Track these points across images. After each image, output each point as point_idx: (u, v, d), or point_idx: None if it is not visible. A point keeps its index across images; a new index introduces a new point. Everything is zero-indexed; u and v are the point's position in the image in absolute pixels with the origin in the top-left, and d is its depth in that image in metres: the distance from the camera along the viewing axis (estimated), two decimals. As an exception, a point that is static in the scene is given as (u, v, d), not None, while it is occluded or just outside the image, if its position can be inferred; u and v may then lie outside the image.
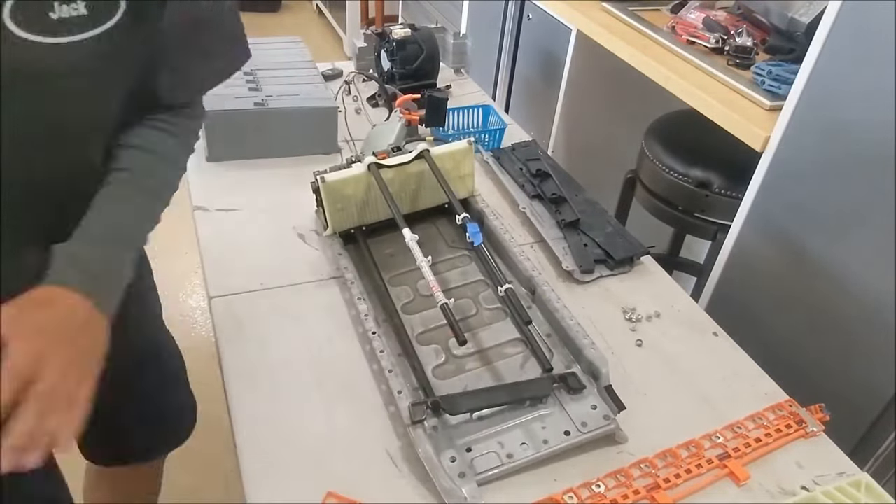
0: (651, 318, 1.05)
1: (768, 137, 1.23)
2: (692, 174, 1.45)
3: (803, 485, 0.81)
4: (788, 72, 1.29)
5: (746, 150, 1.27)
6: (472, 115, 1.54)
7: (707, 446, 0.85)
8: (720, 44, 1.50)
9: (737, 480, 0.81)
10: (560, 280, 1.11)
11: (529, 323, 0.91)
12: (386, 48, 1.58)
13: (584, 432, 0.82)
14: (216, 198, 1.22)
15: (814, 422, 0.88)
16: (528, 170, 1.32)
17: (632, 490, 0.78)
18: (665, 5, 1.74)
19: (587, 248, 1.15)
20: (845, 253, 1.16)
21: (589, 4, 1.78)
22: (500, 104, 2.28)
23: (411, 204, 1.13)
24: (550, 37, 1.95)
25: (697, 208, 1.48)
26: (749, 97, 1.33)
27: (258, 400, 0.86)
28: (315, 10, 4.73)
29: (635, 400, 0.90)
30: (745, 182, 1.31)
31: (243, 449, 0.81)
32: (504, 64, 2.25)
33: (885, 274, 1.09)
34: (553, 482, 0.79)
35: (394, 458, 0.81)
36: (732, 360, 0.99)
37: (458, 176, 1.14)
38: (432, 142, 1.15)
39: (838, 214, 1.16)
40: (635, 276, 1.14)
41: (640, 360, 0.97)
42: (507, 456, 0.80)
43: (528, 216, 1.22)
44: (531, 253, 1.16)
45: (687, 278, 1.82)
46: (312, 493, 0.76)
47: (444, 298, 0.84)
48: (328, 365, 0.92)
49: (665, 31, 1.59)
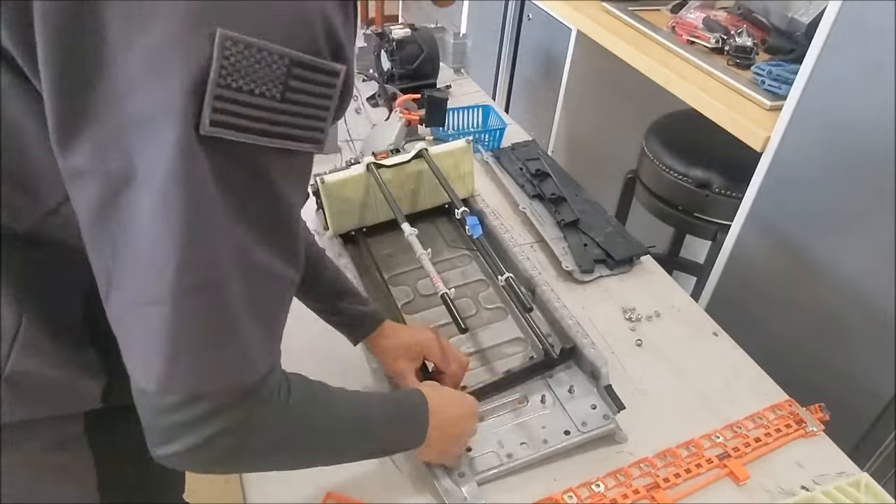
0: (651, 317, 1.05)
1: (768, 137, 1.23)
2: (692, 174, 1.45)
3: (803, 484, 0.81)
4: (788, 72, 1.29)
5: (746, 150, 1.27)
6: (472, 115, 1.54)
7: (707, 446, 0.85)
8: (720, 44, 1.50)
9: (736, 480, 0.81)
10: (560, 280, 1.11)
11: (531, 311, 0.91)
12: (386, 48, 1.58)
13: (583, 432, 0.82)
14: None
15: (814, 422, 0.88)
16: (528, 170, 1.32)
17: (632, 490, 0.78)
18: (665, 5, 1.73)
19: (587, 247, 1.15)
20: (845, 252, 1.16)
21: (589, 4, 1.77)
22: (500, 104, 2.28)
23: (411, 204, 1.13)
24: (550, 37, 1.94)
25: (697, 208, 1.48)
26: (749, 97, 1.33)
27: (258, 400, 0.86)
28: (315, 11, 4.72)
29: (635, 400, 0.90)
30: (745, 182, 1.31)
31: (243, 449, 0.81)
32: (504, 64, 2.25)
33: (885, 273, 1.09)
34: (553, 482, 0.79)
35: (394, 458, 0.81)
36: (732, 360, 0.99)
37: (457, 175, 1.14)
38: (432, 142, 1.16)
39: (838, 214, 1.16)
40: (635, 276, 1.14)
41: (640, 360, 0.97)
42: (507, 456, 0.80)
43: (528, 216, 1.22)
44: (531, 253, 1.16)
45: (687, 278, 1.82)
46: (312, 494, 0.76)
47: (444, 288, 0.84)
48: (328, 365, 0.92)
49: (665, 31, 1.59)
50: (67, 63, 0.39)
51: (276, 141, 0.42)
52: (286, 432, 0.53)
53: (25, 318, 0.50)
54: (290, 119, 0.42)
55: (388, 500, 0.76)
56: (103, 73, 0.39)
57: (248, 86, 0.40)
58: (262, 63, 0.40)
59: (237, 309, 0.44)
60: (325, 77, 0.43)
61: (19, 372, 0.50)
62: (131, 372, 0.45)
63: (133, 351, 0.44)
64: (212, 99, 0.39)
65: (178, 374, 0.43)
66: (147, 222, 0.40)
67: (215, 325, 0.44)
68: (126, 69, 0.39)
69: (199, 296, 0.42)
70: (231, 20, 0.39)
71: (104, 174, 0.40)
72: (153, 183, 0.40)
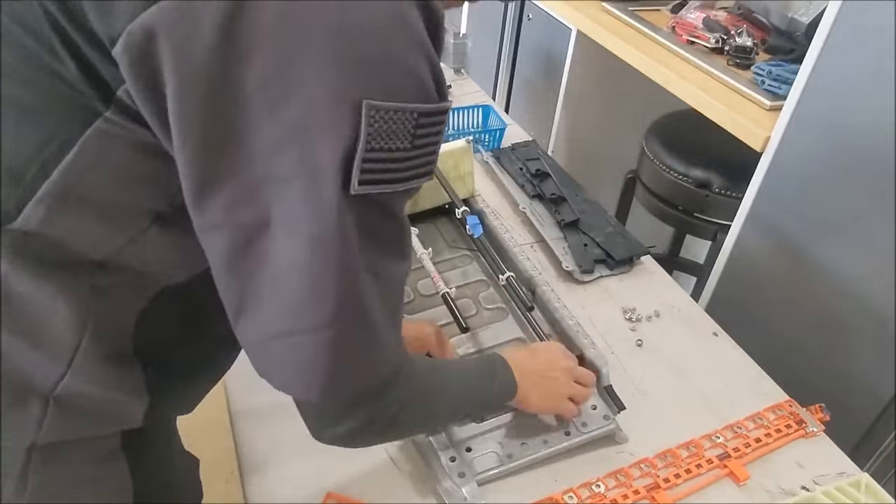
0: (651, 318, 1.05)
1: (768, 137, 1.23)
2: (692, 174, 1.45)
3: (803, 485, 0.81)
4: (788, 72, 1.29)
5: (746, 150, 1.27)
6: (472, 115, 1.54)
7: (707, 446, 0.85)
8: (720, 44, 1.50)
9: (737, 480, 0.81)
10: (560, 280, 1.11)
11: (532, 310, 0.91)
12: (386, 48, 1.58)
13: (584, 432, 0.82)
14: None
15: (814, 422, 0.88)
16: (528, 170, 1.32)
17: (632, 490, 0.78)
18: (665, 5, 1.73)
19: (587, 248, 1.15)
20: (845, 252, 1.16)
21: (589, 4, 1.77)
22: (500, 104, 2.28)
23: (411, 205, 1.13)
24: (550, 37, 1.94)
25: (697, 208, 1.48)
26: (749, 97, 1.33)
27: (258, 400, 0.86)
28: (315, 10, 4.72)
29: (635, 400, 0.90)
30: (745, 182, 1.31)
31: (243, 449, 0.81)
32: (504, 64, 2.25)
33: (885, 273, 1.09)
34: (553, 482, 0.79)
35: (394, 458, 0.81)
36: (732, 360, 0.99)
37: (457, 176, 1.14)
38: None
39: (838, 214, 1.16)
40: (635, 276, 1.14)
41: (640, 360, 0.97)
42: (507, 456, 0.80)
43: (528, 216, 1.22)
44: (531, 253, 1.16)
45: (687, 278, 1.82)
46: (312, 493, 0.76)
47: (445, 287, 0.84)
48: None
49: (665, 31, 1.59)
50: (208, 131, 0.42)
51: (407, 184, 0.48)
52: (419, 402, 0.64)
53: (85, 341, 0.50)
54: (417, 162, 0.48)
55: (388, 500, 0.76)
56: (244, 141, 0.43)
57: (388, 144, 0.44)
58: (398, 123, 0.44)
59: (377, 319, 0.51)
60: (440, 117, 0.49)
61: (70, 393, 0.51)
62: (285, 389, 0.53)
63: (287, 371, 0.52)
64: (360, 163, 0.43)
65: (339, 386, 0.52)
66: (293, 266, 0.46)
67: (363, 340, 0.51)
68: (265, 135, 0.43)
69: (350, 322, 0.49)
70: (370, 88, 0.43)
71: (237, 225, 0.45)
72: (300, 233, 0.45)
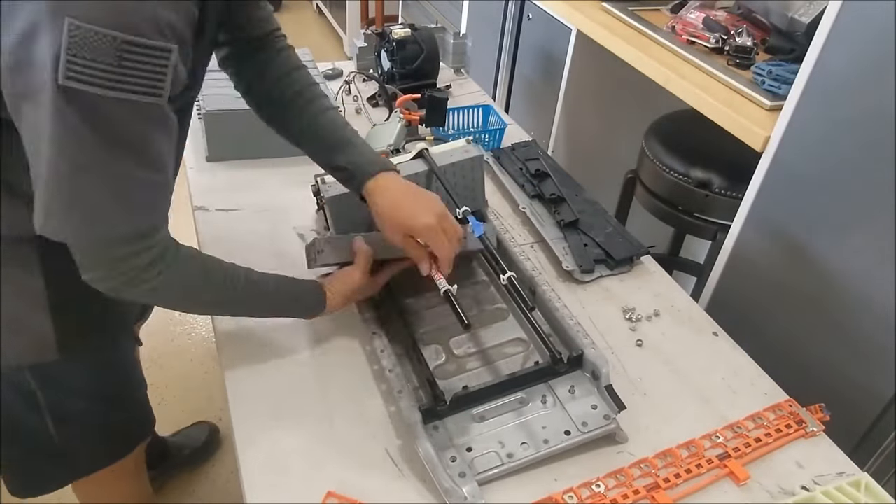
0: (651, 318, 1.05)
1: (768, 137, 1.23)
2: (692, 174, 1.45)
3: (803, 485, 0.81)
4: (788, 72, 1.29)
5: (746, 150, 1.27)
6: (472, 115, 1.54)
7: (707, 446, 0.85)
8: (720, 44, 1.50)
9: (737, 480, 0.81)
10: (560, 280, 1.11)
11: (533, 310, 0.91)
12: (386, 48, 1.58)
13: (584, 432, 0.82)
14: (216, 198, 1.22)
15: (814, 422, 0.88)
16: (528, 170, 1.32)
17: (632, 490, 0.78)
18: (665, 5, 1.73)
19: (587, 248, 1.15)
20: (845, 253, 1.16)
21: (589, 4, 1.77)
22: (500, 104, 2.28)
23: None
24: (550, 37, 1.95)
25: (697, 208, 1.48)
26: (749, 97, 1.33)
27: (258, 400, 0.86)
28: (315, 10, 4.72)
29: (635, 400, 0.90)
30: (745, 182, 1.31)
31: (243, 449, 0.81)
32: (504, 64, 2.25)
33: (886, 274, 1.09)
34: (553, 482, 0.79)
35: (394, 458, 0.81)
36: (732, 360, 0.99)
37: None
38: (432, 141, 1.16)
39: (838, 214, 1.16)
40: (635, 276, 1.14)
41: (640, 360, 0.98)
42: (507, 456, 0.80)
43: (528, 216, 1.22)
44: (531, 253, 1.16)
45: (687, 278, 1.82)
46: (312, 493, 0.76)
47: (447, 285, 0.84)
48: (328, 365, 0.92)
49: (665, 31, 1.59)
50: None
51: (120, 94, 0.61)
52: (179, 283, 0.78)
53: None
54: (128, 80, 0.61)
55: (388, 500, 0.76)
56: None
57: (91, 55, 0.59)
58: (97, 41, 0.59)
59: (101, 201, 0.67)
60: (151, 52, 0.61)
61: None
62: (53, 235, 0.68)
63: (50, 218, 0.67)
64: (65, 63, 0.58)
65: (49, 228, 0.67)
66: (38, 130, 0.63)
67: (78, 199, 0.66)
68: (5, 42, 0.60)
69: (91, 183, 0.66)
70: (76, 12, 0.58)
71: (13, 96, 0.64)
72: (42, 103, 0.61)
